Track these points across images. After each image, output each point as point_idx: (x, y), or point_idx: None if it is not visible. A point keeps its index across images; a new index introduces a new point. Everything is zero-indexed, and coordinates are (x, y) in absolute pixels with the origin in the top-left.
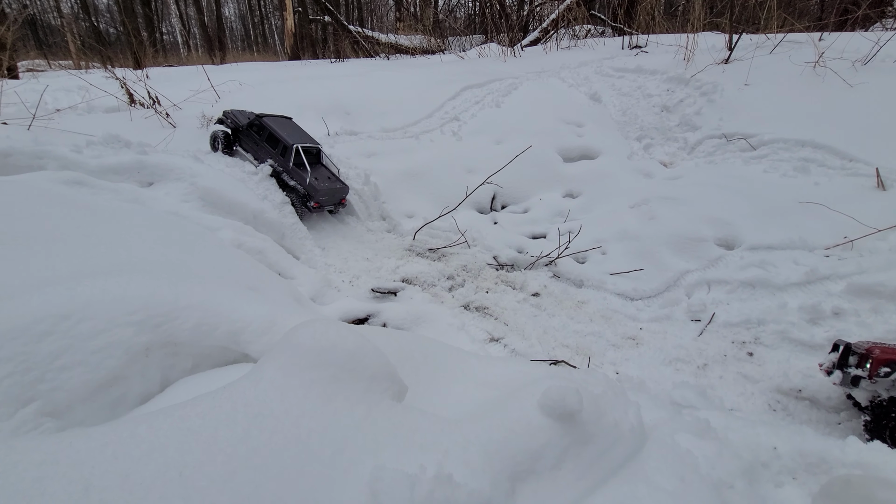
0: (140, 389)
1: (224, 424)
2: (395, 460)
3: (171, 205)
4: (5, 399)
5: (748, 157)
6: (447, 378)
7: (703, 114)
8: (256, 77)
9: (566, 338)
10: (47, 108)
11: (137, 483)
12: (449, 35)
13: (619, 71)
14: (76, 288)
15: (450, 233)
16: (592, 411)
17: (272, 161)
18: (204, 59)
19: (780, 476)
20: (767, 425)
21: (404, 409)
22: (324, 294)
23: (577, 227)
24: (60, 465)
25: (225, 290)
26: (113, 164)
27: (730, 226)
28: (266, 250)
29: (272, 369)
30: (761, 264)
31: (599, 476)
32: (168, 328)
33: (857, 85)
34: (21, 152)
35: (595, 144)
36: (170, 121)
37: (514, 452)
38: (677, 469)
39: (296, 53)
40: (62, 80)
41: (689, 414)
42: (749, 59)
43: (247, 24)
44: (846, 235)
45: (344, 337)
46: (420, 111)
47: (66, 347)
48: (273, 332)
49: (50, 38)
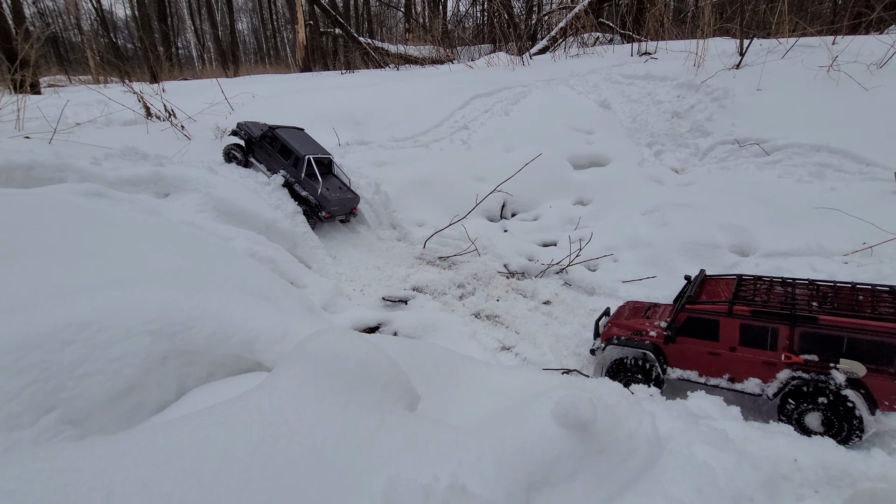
0: (157, 397)
1: (240, 433)
2: (409, 470)
3: (187, 215)
4: (28, 407)
5: (762, 163)
6: (459, 387)
7: (715, 119)
8: (269, 89)
9: (578, 346)
10: (68, 122)
11: (157, 491)
12: (458, 45)
13: (628, 78)
14: (96, 297)
15: (460, 241)
16: (607, 421)
17: (284, 172)
18: (218, 72)
19: (802, 489)
20: (787, 436)
21: (417, 419)
22: (335, 303)
23: (587, 235)
24: (83, 472)
25: (239, 300)
26: (131, 175)
27: (744, 232)
28: (278, 259)
29: (287, 378)
30: (777, 271)
31: (615, 488)
32: (184, 337)
33: (872, 88)
34: (43, 165)
35: (605, 151)
36: (185, 133)
37: (528, 463)
38: (695, 481)
39: (307, 65)
40: (82, 95)
41: (706, 424)
42: (761, 63)
43: (259, 37)
44: (865, 241)
45: (357, 346)
46: (430, 120)
47: (87, 356)
48: (286, 340)
49: (71, 54)
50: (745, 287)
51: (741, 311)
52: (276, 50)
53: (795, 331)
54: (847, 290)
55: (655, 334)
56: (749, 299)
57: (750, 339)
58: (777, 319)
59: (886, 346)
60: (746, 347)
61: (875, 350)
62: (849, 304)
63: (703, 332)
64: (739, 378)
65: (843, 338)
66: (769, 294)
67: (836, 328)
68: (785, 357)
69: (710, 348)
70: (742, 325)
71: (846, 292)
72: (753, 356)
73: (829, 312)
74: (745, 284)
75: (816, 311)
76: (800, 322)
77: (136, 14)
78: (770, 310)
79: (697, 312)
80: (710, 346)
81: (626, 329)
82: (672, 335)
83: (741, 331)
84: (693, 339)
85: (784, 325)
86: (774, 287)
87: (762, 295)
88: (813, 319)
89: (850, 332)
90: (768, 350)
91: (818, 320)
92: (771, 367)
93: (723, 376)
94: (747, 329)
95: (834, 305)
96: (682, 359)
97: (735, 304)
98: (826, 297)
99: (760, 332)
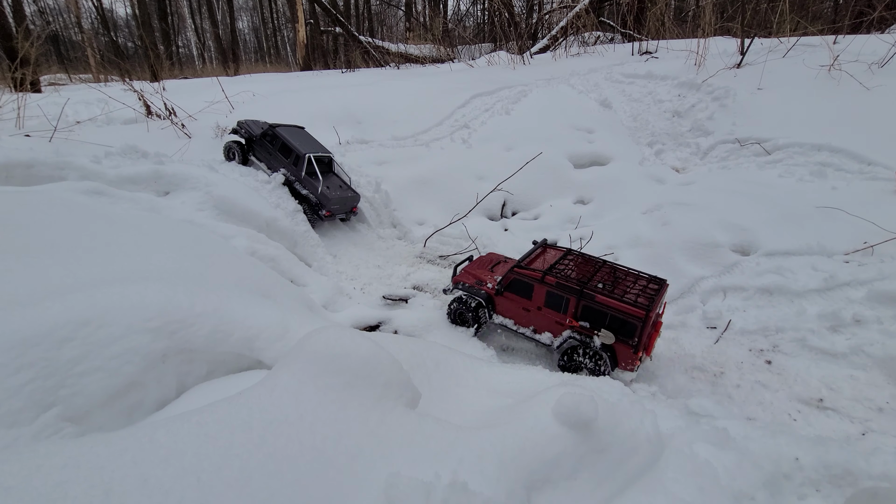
0: (157, 395)
1: (240, 430)
2: (409, 468)
3: (187, 213)
4: (27, 404)
5: (762, 162)
6: (460, 385)
7: (716, 119)
8: (269, 88)
9: None
10: (68, 120)
11: (156, 488)
12: (458, 44)
13: (629, 77)
14: (95, 295)
15: (460, 240)
16: (608, 420)
17: (285, 170)
18: (218, 70)
19: (804, 488)
20: (788, 435)
21: (418, 417)
22: (335, 301)
23: (588, 234)
24: (82, 469)
25: (239, 298)
26: (131, 174)
27: (745, 231)
28: (279, 258)
29: (287, 376)
30: (778, 270)
31: (616, 486)
32: (184, 335)
33: (874, 88)
34: (43, 163)
35: (606, 150)
36: (185, 131)
37: (529, 461)
38: (696, 480)
39: (308, 64)
40: (82, 94)
41: (707, 423)
42: (762, 63)
43: (260, 36)
44: (866, 240)
45: (358, 344)
46: (430, 119)
47: (86, 353)
48: (286, 338)
49: (71, 52)
50: (564, 261)
51: (549, 281)
52: (277, 48)
53: (580, 303)
54: (631, 276)
55: (491, 286)
56: (558, 273)
57: (551, 302)
58: (570, 292)
59: (629, 324)
60: (548, 309)
61: (623, 326)
62: (622, 289)
63: (522, 292)
64: (540, 330)
65: (607, 314)
66: (577, 271)
67: (604, 306)
68: (569, 321)
69: (525, 305)
70: (548, 291)
71: (630, 279)
72: (551, 316)
73: (604, 294)
74: (566, 259)
75: (597, 291)
76: (584, 297)
77: (137, 12)
78: (569, 284)
79: (521, 276)
80: (525, 303)
81: (473, 278)
82: (501, 290)
83: (547, 296)
84: (514, 296)
85: (574, 297)
86: (586, 266)
87: (571, 270)
88: (592, 297)
89: (611, 310)
90: (561, 313)
91: (595, 298)
92: (560, 326)
93: (529, 327)
94: (551, 295)
95: (612, 289)
96: (504, 309)
97: (546, 275)
98: (611, 281)
99: (558, 299)
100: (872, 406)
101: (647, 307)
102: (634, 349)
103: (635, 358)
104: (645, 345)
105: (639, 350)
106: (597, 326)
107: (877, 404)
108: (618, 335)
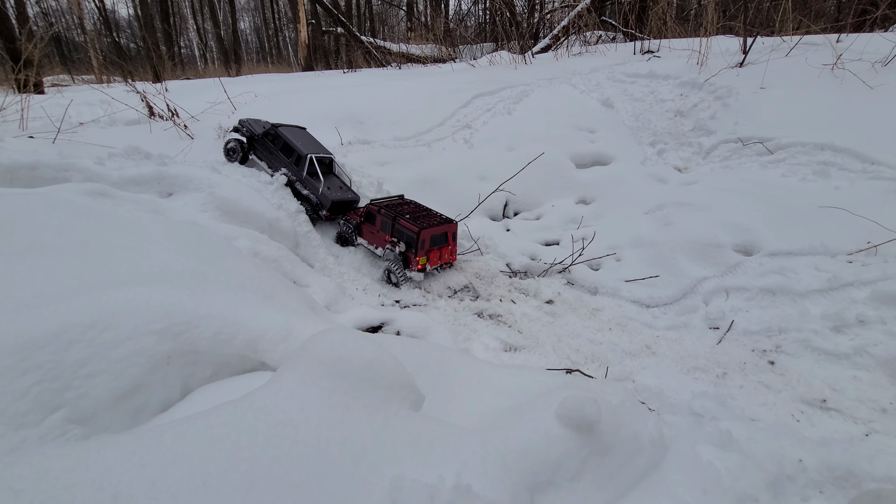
0: (161, 397)
1: (246, 433)
2: (413, 470)
3: (190, 214)
4: (34, 406)
5: (765, 162)
6: (463, 387)
7: (718, 118)
8: (271, 88)
9: (581, 346)
10: (71, 121)
11: (163, 491)
12: (460, 44)
13: (631, 76)
14: (101, 297)
15: (462, 240)
16: (611, 422)
17: (286, 170)
18: (220, 71)
19: (807, 490)
20: (792, 437)
21: (422, 419)
22: (338, 302)
23: (590, 234)
24: (90, 472)
25: (243, 299)
26: (134, 175)
27: (748, 231)
28: (281, 259)
29: (291, 378)
30: (781, 270)
31: (619, 488)
32: (188, 337)
33: (877, 86)
34: (47, 165)
35: (608, 150)
36: (188, 132)
37: (532, 463)
38: (699, 481)
39: (309, 64)
40: (85, 95)
41: (710, 424)
42: (764, 62)
43: (261, 36)
44: (870, 240)
45: (362, 346)
46: (432, 119)
47: (92, 356)
48: (290, 340)
49: (74, 53)
50: (399, 204)
51: (384, 213)
52: (279, 49)
53: (395, 226)
54: (433, 214)
55: (360, 218)
56: (389, 207)
57: (382, 226)
58: (390, 219)
59: (411, 238)
60: (380, 231)
61: (409, 239)
62: (420, 220)
63: (372, 220)
64: (377, 246)
65: (404, 232)
66: (401, 208)
67: (402, 227)
68: (388, 238)
69: (371, 229)
70: (380, 219)
71: (431, 216)
72: (382, 235)
73: (403, 220)
74: (400, 205)
75: (403, 218)
76: (396, 223)
77: (139, 13)
78: (391, 213)
79: (372, 209)
80: (371, 227)
81: (355, 215)
82: (363, 219)
83: (380, 221)
84: (368, 224)
85: (391, 222)
86: (407, 206)
87: (399, 208)
88: (398, 221)
89: (405, 229)
90: (385, 233)
91: (399, 222)
92: (385, 241)
93: (373, 245)
94: (383, 221)
95: (413, 219)
96: (364, 233)
97: (381, 209)
98: (418, 215)
99: (385, 223)
100: (876, 407)
101: (421, 227)
102: (416, 254)
103: (416, 262)
104: (426, 255)
105: (418, 255)
106: (399, 241)
107: (880, 405)
108: (408, 246)
